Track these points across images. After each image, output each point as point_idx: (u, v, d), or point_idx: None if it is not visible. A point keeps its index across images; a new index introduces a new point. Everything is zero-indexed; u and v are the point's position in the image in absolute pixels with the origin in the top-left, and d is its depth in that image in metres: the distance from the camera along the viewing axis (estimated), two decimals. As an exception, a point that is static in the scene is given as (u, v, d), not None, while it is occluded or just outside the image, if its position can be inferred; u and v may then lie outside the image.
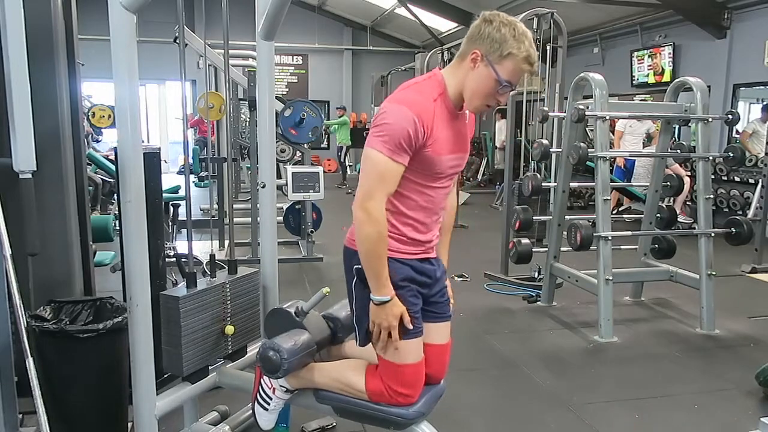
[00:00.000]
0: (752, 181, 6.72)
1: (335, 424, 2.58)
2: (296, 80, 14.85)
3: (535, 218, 4.65)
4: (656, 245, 4.45)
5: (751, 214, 6.15)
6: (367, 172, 1.70)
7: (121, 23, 1.82)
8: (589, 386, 3.14)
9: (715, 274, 3.96)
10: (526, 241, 4.59)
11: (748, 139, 7.40)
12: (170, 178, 10.08)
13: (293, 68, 14.81)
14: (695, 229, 4.14)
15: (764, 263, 5.44)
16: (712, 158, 4.68)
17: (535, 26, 5.21)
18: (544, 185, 4.58)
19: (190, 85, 12.69)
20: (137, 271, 1.93)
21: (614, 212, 7.50)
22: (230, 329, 2.21)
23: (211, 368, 2.23)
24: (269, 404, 2.03)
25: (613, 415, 2.82)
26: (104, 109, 7.88)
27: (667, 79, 8.27)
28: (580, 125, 4.47)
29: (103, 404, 2.25)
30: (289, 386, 2.01)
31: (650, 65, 8.83)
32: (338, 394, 1.93)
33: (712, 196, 4.13)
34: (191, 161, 7.89)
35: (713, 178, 6.18)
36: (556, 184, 4.57)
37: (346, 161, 12.41)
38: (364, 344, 1.88)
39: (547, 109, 5.16)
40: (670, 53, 8.43)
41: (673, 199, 6.28)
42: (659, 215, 4.46)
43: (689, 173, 7.04)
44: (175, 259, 2.99)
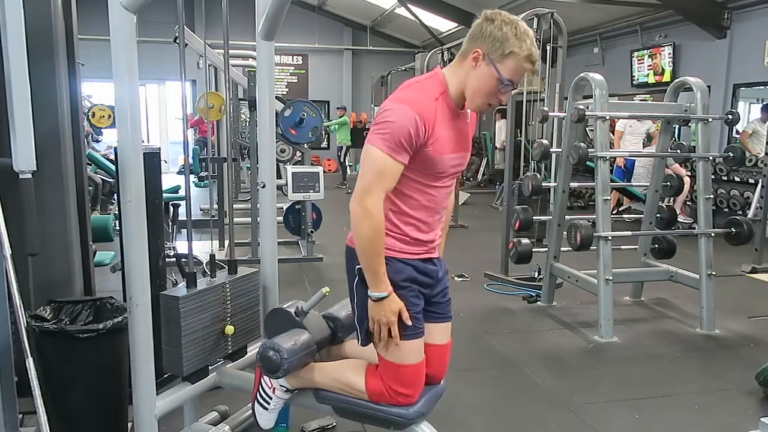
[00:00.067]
0: (752, 181, 6.72)
1: (335, 424, 2.58)
2: (296, 80, 14.85)
3: (535, 218, 4.65)
4: (656, 245, 4.45)
5: (751, 214, 6.15)
6: (366, 168, 1.70)
7: (121, 23, 1.82)
8: (589, 386, 3.14)
9: (715, 274, 3.96)
10: (526, 241, 4.59)
11: (748, 139, 7.41)
12: (170, 178, 10.08)
13: (293, 68, 14.81)
14: (695, 229, 4.14)
15: (764, 263, 5.44)
16: (712, 158, 4.68)
17: (535, 26, 5.21)
18: (544, 185, 4.58)
19: (190, 85, 12.69)
20: (137, 271, 1.93)
21: (614, 212, 7.50)
22: (230, 329, 2.21)
23: (211, 368, 2.23)
24: (269, 404, 2.03)
25: (613, 415, 2.82)
26: (104, 109, 7.87)
27: (667, 79, 8.27)
28: (580, 125, 4.48)
29: (103, 404, 2.25)
30: (289, 386, 2.01)
31: (650, 65, 8.82)
32: (338, 394, 1.93)
33: (712, 196, 4.13)
34: (191, 161, 7.89)
35: (713, 178, 6.18)
36: (556, 184, 4.57)
37: (346, 161, 12.40)
38: (365, 344, 1.88)
39: (547, 109, 5.16)
40: (670, 53, 8.43)
41: (673, 199, 6.28)
42: (659, 215, 4.46)
43: (689, 173, 7.04)
44: (175, 259, 2.99)
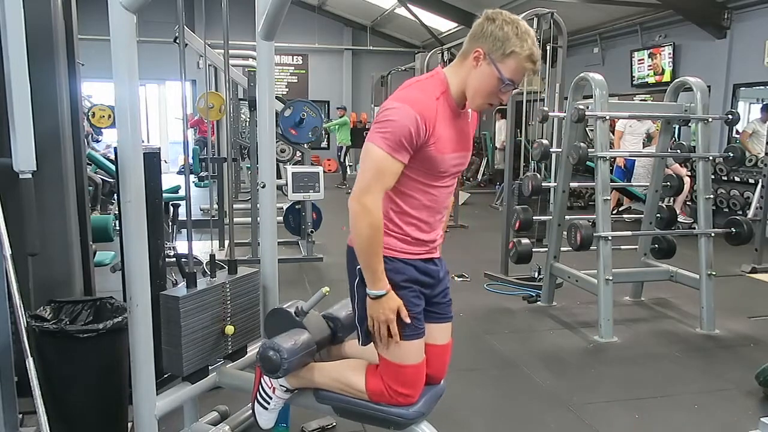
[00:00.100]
0: (752, 181, 6.72)
1: (335, 424, 2.58)
2: (296, 80, 14.85)
3: (535, 218, 4.65)
4: (656, 245, 4.45)
5: (751, 214, 6.15)
6: (366, 167, 1.70)
7: (121, 23, 1.82)
8: (589, 386, 3.14)
9: (715, 274, 3.96)
10: (526, 241, 4.59)
11: (748, 139, 7.41)
12: (170, 178, 10.07)
13: (293, 68, 14.81)
14: (695, 229, 4.14)
15: (764, 263, 5.44)
16: (712, 158, 4.68)
17: (535, 26, 5.20)
18: (544, 185, 4.58)
19: (190, 85, 12.69)
20: (137, 271, 1.93)
21: (614, 212, 7.50)
22: (230, 329, 2.21)
23: (211, 368, 2.23)
24: (269, 404, 2.03)
25: (613, 415, 2.82)
26: (104, 109, 7.86)
27: (667, 79, 8.27)
28: (580, 125, 4.48)
29: (103, 404, 2.25)
30: (289, 386, 2.01)
31: (650, 65, 8.82)
32: (338, 393, 1.93)
33: (712, 196, 4.13)
34: (191, 161, 7.89)
35: (713, 178, 6.18)
36: (556, 184, 4.57)
37: (346, 161, 12.40)
38: (366, 343, 1.88)
39: (547, 109, 5.16)
40: (670, 53, 8.42)
41: (673, 199, 6.28)
42: (659, 215, 4.46)
43: (689, 173, 7.04)
44: (175, 259, 2.99)
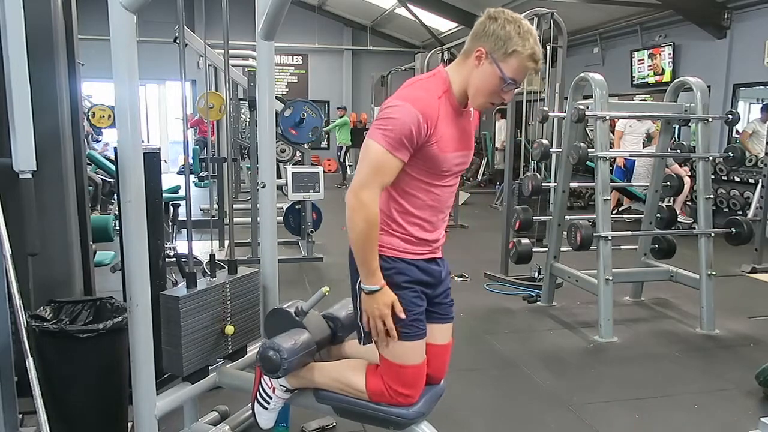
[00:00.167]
0: (752, 181, 6.72)
1: (335, 424, 2.58)
2: (296, 80, 14.85)
3: (535, 218, 4.65)
4: (656, 245, 4.45)
5: (751, 214, 6.15)
6: (364, 162, 1.70)
7: (121, 23, 1.82)
8: (589, 386, 3.14)
9: (715, 274, 3.96)
10: (526, 241, 4.59)
11: (748, 139, 7.41)
12: (170, 178, 10.07)
13: (293, 68, 14.81)
14: (695, 229, 4.14)
15: (764, 263, 5.44)
16: (712, 158, 4.68)
17: (535, 26, 5.15)
18: (544, 185, 4.58)
19: (190, 85, 12.68)
20: (137, 271, 1.93)
21: (614, 212, 7.50)
22: (230, 329, 2.21)
23: (211, 368, 2.23)
24: (269, 404, 2.03)
25: (613, 415, 2.82)
26: (104, 109, 7.86)
27: (667, 79, 8.27)
28: (580, 125, 4.48)
29: (103, 404, 2.25)
30: (289, 386, 2.01)
31: (650, 65, 8.82)
32: (338, 393, 1.93)
33: (712, 196, 4.13)
34: (191, 161, 7.89)
35: (713, 178, 6.18)
36: (556, 184, 4.57)
37: (346, 161, 12.39)
38: (366, 342, 1.88)
39: (547, 109, 5.17)
40: (670, 53, 8.43)
41: (673, 199, 6.29)
42: (659, 215, 4.46)
43: (689, 173, 7.04)
44: (175, 259, 2.99)
